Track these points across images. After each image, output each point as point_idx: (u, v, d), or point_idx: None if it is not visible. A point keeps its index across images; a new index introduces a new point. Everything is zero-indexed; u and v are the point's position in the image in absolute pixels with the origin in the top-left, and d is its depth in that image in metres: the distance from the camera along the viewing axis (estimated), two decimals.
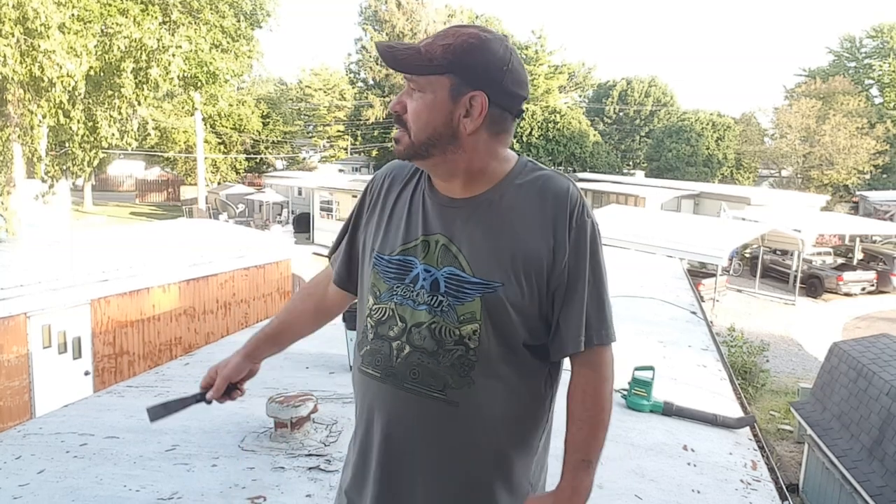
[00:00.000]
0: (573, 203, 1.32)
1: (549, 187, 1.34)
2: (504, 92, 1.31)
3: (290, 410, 2.87)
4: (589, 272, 1.32)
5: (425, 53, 1.28)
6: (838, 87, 36.37)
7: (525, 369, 1.34)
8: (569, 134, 37.95)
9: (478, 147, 1.32)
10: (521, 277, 1.29)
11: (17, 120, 11.28)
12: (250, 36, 16.54)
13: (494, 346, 1.30)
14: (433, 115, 1.30)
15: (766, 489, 2.76)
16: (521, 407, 1.35)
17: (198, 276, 9.40)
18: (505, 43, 1.32)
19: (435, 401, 1.31)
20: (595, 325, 1.34)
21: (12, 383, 6.99)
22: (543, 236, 1.30)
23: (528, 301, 1.30)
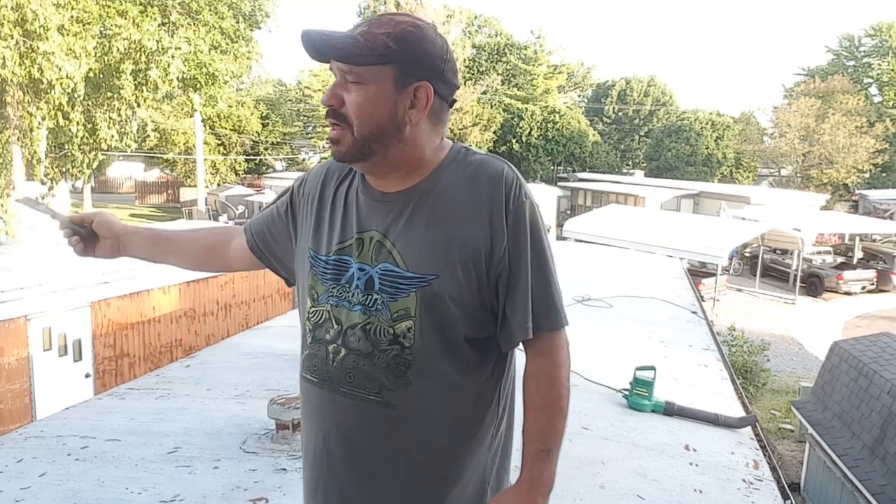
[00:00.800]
0: (508, 185, 1.25)
1: (482, 171, 1.28)
2: (444, 81, 1.27)
3: (292, 412, 2.86)
4: (531, 256, 1.25)
5: (365, 42, 1.21)
6: (837, 86, 36.42)
7: (468, 365, 1.28)
8: (568, 134, 37.96)
9: (418, 139, 1.27)
10: (457, 268, 1.22)
11: (16, 122, 11.28)
12: (249, 37, 16.55)
13: (432, 342, 1.24)
14: (377, 108, 1.23)
15: (767, 488, 2.76)
16: (465, 404, 1.29)
17: (198, 278, 9.40)
18: (439, 32, 1.29)
19: (372, 404, 1.25)
20: (542, 310, 1.27)
21: (13, 386, 6.98)
22: (479, 223, 1.23)
23: (467, 292, 1.23)
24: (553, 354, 1.29)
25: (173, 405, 3.47)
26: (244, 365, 4.31)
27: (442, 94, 1.28)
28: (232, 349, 4.77)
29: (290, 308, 10.78)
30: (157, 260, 1.65)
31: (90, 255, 1.60)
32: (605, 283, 7.27)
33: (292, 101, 45.60)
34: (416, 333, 1.23)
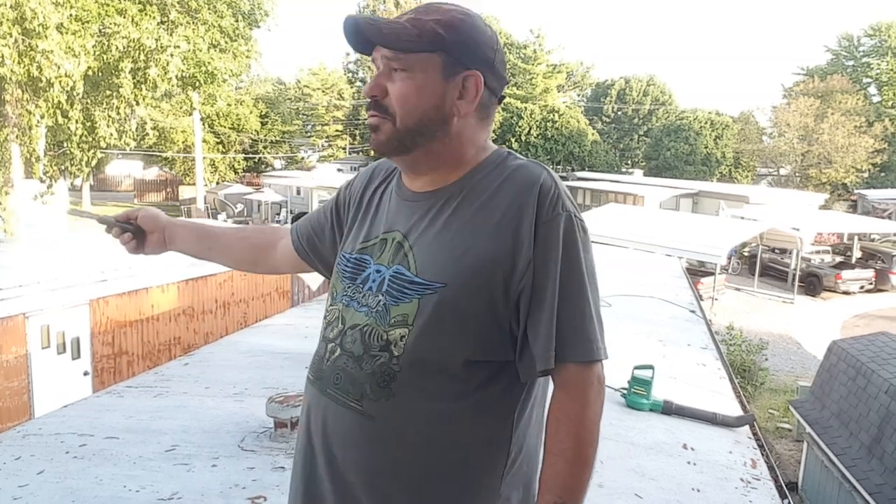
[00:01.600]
0: (543, 194, 1.13)
1: (517, 177, 1.16)
2: (495, 73, 1.20)
3: (290, 410, 2.86)
4: (561, 275, 1.11)
5: (413, 28, 1.14)
6: (836, 86, 36.44)
7: (468, 390, 1.13)
8: (567, 133, 37.97)
9: (464, 135, 1.20)
10: (469, 280, 1.11)
11: (15, 120, 11.27)
12: (248, 35, 16.53)
13: (423, 357, 1.12)
14: (423, 98, 1.16)
15: (765, 487, 2.77)
16: (459, 434, 1.14)
17: (196, 276, 9.39)
18: (488, 23, 1.23)
19: (351, 411, 1.17)
20: (570, 337, 1.10)
21: (11, 384, 6.98)
22: (503, 234, 1.12)
23: (476, 308, 1.11)
24: (579, 392, 1.12)
25: (172, 403, 3.47)
26: (243, 363, 4.31)
27: (492, 87, 1.21)
28: (230, 347, 4.78)
29: (288, 306, 10.77)
30: (202, 256, 1.60)
31: (141, 253, 1.57)
32: (604, 283, 7.24)
33: (291, 99, 45.57)
34: (409, 343, 1.13)
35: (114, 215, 1.56)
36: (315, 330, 1.33)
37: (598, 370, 1.13)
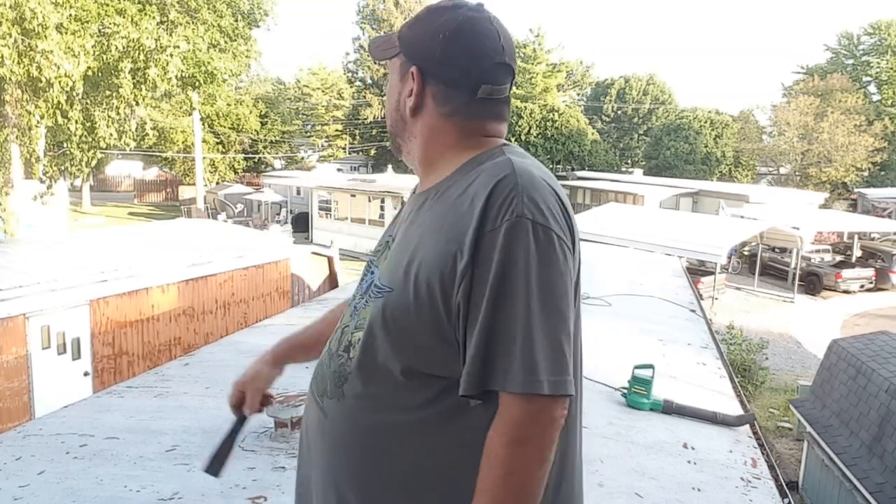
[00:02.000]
0: (494, 197, 1.01)
1: (481, 177, 1.06)
2: (441, 64, 1.13)
3: (291, 410, 2.86)
4: (494, 288, 0.98)
5: (391, 36, 1.22)
6: (836, 85, 36.43)
7: (412, 403, 1.06)
8: (567, 132, 37.96)
9: (426, 132, 1.17)
10: (410, 286, 1.05)
11: (14, 120, 11.27)
12: (248, 35, 16.53)
13: (369, 362, 1.09)
14: (390, 101, 1.22)
15: (766, 486, 2.77)
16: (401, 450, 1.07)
17: (197, 277, 9.40)
18: (461, 11, 1.15)
19: (315, 406, 1.20)
20: (503, 363, 0.97)
21: (11, 384, 6.98)
22: (451, 238, 1.02)
23: (417, 316, 1.04)
24: (508, 428, 0.97)
25: (172, 403, 3.47)
26: (243, 363, 4.30)
27: (442, 79, 1.14)
28: (231, 347, 4.78)
29: (288, 306, 10.77)
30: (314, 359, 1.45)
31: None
32: (604, 282, 7.28)
33: (291, 99, 45.58)
34: (362, 346, 1.11)
35: (244, 411, 1.51)
36: None
37: (542, 406, 0.96)
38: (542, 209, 1.01)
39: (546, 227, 1.00)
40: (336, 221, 25.52)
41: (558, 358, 0.98)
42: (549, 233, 1.00)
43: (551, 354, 0.97)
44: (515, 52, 1.22)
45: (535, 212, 1.00)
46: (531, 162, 1.13)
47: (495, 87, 1.15)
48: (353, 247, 23.76)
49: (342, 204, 25.40)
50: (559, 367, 0.98)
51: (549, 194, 1.04)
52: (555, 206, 1.04)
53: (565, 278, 1.01)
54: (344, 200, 25.31)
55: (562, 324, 0.99)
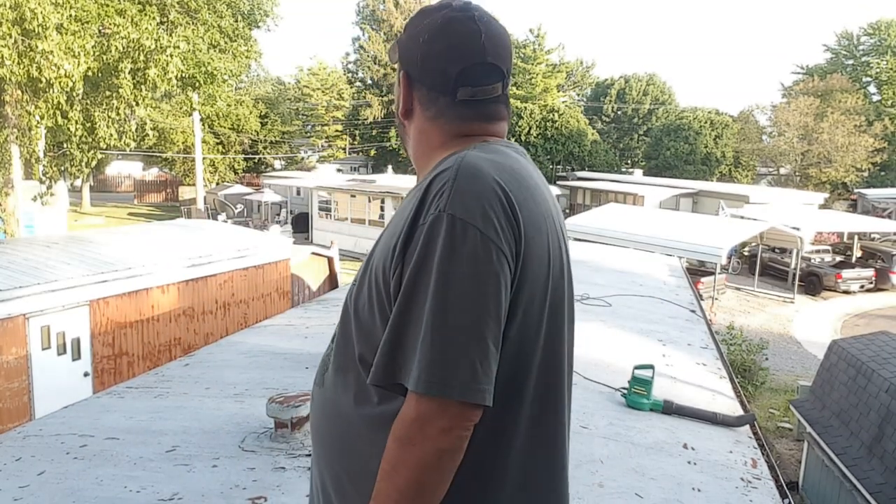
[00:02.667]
0: (428, 192, 1.01)
1: (432, 172, 1.06)
2: (422, 68, 1.14)
3: (291, 411, 2.86)
4: (409, 283, 0.97)
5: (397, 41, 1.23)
6: (836, 85, 36.44)
7: (365, 394, 1.06)
8: (567, 133, 37.97)
9: (416, 135, 1.20)
10: (365, 281, 1.09)
11: (15, 121, 11.27)
12: (248, 36, 16.54)
13: (341, 351, 1.13)
14: (395, 102, 1.24)
15: (766, 487, 2.77)
16: (357, 443, 1.07)
17: (197, 277, 9.40)
18: (443, 12, 1.13)
19: (312, 391, 1.25)
20: (403, 357, 0.96)
21: (12, 385, 6.98)
22: (394, 232, 1.04)
23: (370, 307, 1.06)
24: (399, 424, 0.96)
25: (172, 404, 3.47)
26: (243, 364, 4.31)
27: (424, 83, 1.15)
28: (231, 348, 4.77)
29: (288, 307, 10.78)
30: None
31: None
32: (604, 282, 7.28)
33: (291, 99, 45.61)
34: (337, 337, 1.15)
35: None
36: (315, 330, 1.33)
37: (435, 410, 0.93)
38: (471, 205, 0.97)
39: (467, 222, 0.96)
40: (336, 222, 25.52)
41: (459, 361, 0.93)
42: (468, 229, 0.95)
43: (451, 357, 0.93)
44: (510, 48, 1.17)
45: (459, 207, 0.96)
46: (493, 157, 1.07)
47: (477, 87, 1.12)
48: (353, 247, 23.76)
49: (342, 204, 25.40)
50: (458, 370, 0.93)
51: (490, 191, 0.99)
52: (493, 204, 0.98)
53: (483, 279, 0.95)
54: (344, 201, 25.31)
55: (470, 326, 0.94)
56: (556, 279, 1.10)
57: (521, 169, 1.10)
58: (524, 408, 1.06)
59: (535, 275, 1.03)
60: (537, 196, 1.09)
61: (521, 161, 1.14)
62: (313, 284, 12.36)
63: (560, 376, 1.13)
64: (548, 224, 1.09)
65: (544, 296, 1.06)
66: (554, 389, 1.11)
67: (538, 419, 1.08)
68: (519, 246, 1.00)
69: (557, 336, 1.10)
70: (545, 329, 1.07)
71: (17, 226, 12.10)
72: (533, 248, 1.03)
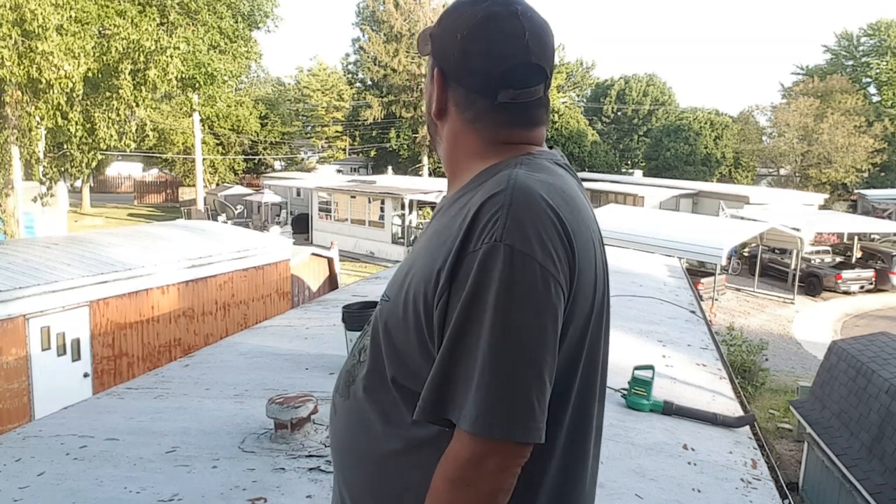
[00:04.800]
0: (479, 217, 0.95)
1: (478, 192, 1.00)
2: (460, 67, 1.06)
3: (291, 411, 2.86)
4: (461, 317, 0.92)
5: (426, 32, 1.15)
6: (836, 86, 36.42)
7: (394, 414, 1.04)
8: (567, 133, 37.99)
9: (451, 138, 1.11)
10: (401, 299, 1.02)
11: (15, 122, 11.27)
12: (248, 37, 16.56)
13: (373, 369, 1.08)
14: (425, 99, 1.17)
15: (766, 488, 2.77)
16: (381, 464, 1.05)
17: (197, 278, 9.40)
18: (483, 6, 1.05)
19: (332, 399, 1.21)
20: (456, 395, 0.92)
21: (11, 385, 6.98)
22: (438, 255, 0.98)
23: (404, 329, 1.01)
24: (449, 462, 0.93)
25: (172, 405, 3.47)
26: (243, 364, 4.31)
27: (462, 83, 1.07)
28: (230, 349, 4.77)
29: (288, 307, 10.78)
30: None
31: None
32: None
33: (291, 100, 45.61)
34: (367, 353, 1.11)
35: None
36: (315, 331, 1.33)
37: (488, 449, 0.90)
38: (528, 234, 0.92)
39: (526, 255, 0.91)
40: (336, 223, 25.53)
41: (518, 401, 0.90)
42: (528, 262, 0.91)
43: (511, 396, 0.90)
44: (553, 45, 1.11)
45: (517, 237, 0.92)
46: (542, 177, 1.02)
47: (519, 90, 1.06)
48: (353, 248, 23.76)
49: (342, 205, 25.41)
50: (518, 410, 0.90)
51: (546, 217, 0.94)
52: (549, 232, 0.94)
53: (542, 314, 0.92)
54: (344, 202, 25.32)
55: (529, 364, 0.91)
56: (599, 305, 1.06)
57: (570, 189, 1.05)
58: (560, 435, 1.04)
59: (582, 305, 1.00)
60: (586, 219, 1.04)
61: (568, 179, 1.09)
62: (313, 285, 12.36)
63: (590, 407, 1.08)
64: (595, 249, 1.05)
65: (587, 324, 1.03)
66: (586, 416, 1.08)
67: (572, 443, 1.06)
68: (573, 275, 0.97)
69: (593, 363, 1.07)
70: (584, 357, 1.03)
71: (17, 226, 12.10)
72: (583, 278, 0.99)
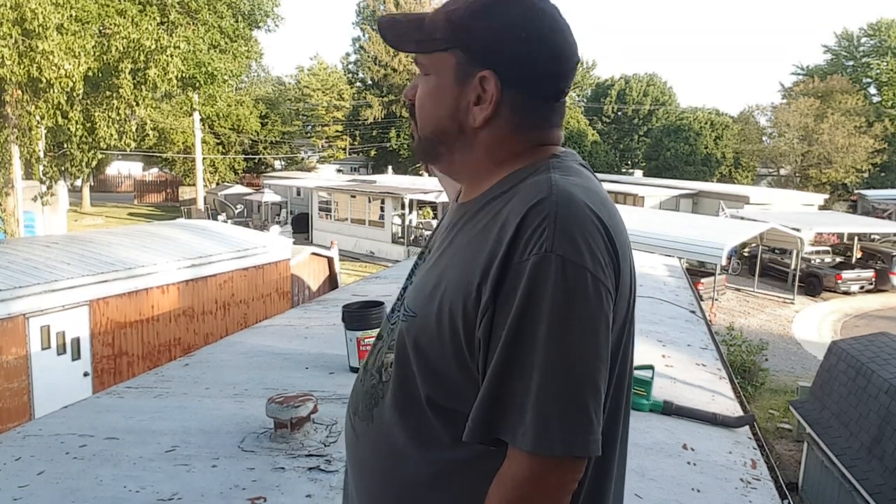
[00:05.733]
0: (524, 225, 0.90)
1: (518, 198, 0.95)
2: (524, 69, 0.99)
3: (290, 411, 2.86)
4: (512, 331, 0.88)
5: (428, 24, 1.03)
6: (836, 86, 36.44)
7: (431, 436, 0.98)
8: (567, 133, 37.83)
9: (492, 144, 1.02)
10: (434, 313, 0.96)
11: (15, 121, 11.28)
12: (248, 36, 16.56)
13: (395, 387, 1.02)
14: (437, 104, 1.03)
15: (765, 488, 2.77)
16: (416, 488, 0.99)
17: (196, 277, 9.40)
18: (535, 3, 1.00)
19: (349, 423, 1.13)
20: (511, 414, 0.88)
21: (11, 385, 6.99)
22: (476, 267, 0.92)
23: (438, 346, 0.96)
24: (506, 484, 0.89)
25: (172, 404, 3.47)
26: (243, 364, 4.31)
27: (523, 86, 1.00)
28: (230, 348, 4.77)
29: (288, 307, 10.78)
30: None
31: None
32: None
33: (291, 100, 45.61)
34: (393, 371, 1.03)
35: None
36: (315, 330, 1.33)
37: (549, 468, 0.87)
38: (578, 244, 0.88)
39: (578, 265, 0.87)
40: (336, 222, 25.53)
41: (578, 415, 0.86)
42: (581, 272, 0.87)
43: (570, 411, 0.86)
44: None
45: (567, 247, 0.87)
46: (577, 181, 0.97)
47: (566, 91, 1.04)
48: (353, 248, 23.76)
49: (342, 205, 25.41)
50: (578, 425, 0.86)
51: (591, 224, 0.91)
52: (596, 239, 0.90)
53: (596, 324, 0.88)
54: (344, 201, 25.32)
55: (587, 376, 0.87)
56: (631, 309, 1.02)
57: (602, 192, 1.01)
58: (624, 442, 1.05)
59: (619, 309, 0.97)
60: (620, 221, 1.01)
61: (594, 179, 1.05)
62: (313, 285, 12.36)
63: (620, 412, 1.05)
64: (630, 252, 1.02)
65: (623, 329, 0.99)
66: (615, 421, 1.04)
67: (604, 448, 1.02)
68: (617, 281, 0.94)
69: (625, 368, 1.03)
70: (619, 362, 1.00)
71: (17, 226, 12.10)
72: (622, 282, 0.96)
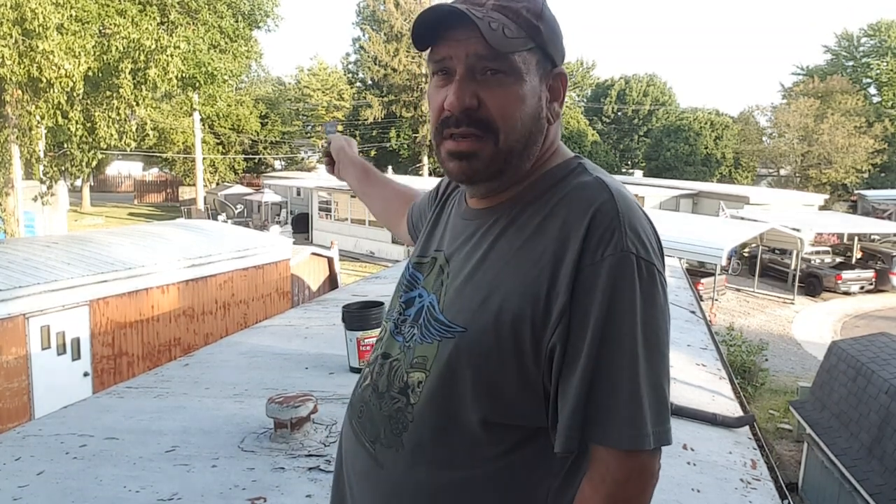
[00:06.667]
0: (595, 226, 0.88)
1: (573, 201, 0.92)
2: (562, 62, 1.02)
3: (290, 411, 2.86)
4: (598, 332, 0.86)
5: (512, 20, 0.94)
6: (836, 86, 36.45)
7: (487, 457, 0.94)
8: (567, 133, 38.01)
9: (548, 143, 1.01)
10: (491, 327, 0.91)
11: (15, 121, 11.28)
12: (248, 36, 16.57)
13: (437, 409, 0.96)
14: (527, 108, 0.95)
15: (765, 488, 2.77)
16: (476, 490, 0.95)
17: (197, 277, 9.40)
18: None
19: (365, 451, 1.04)
20: (604, 415, 0.87)
21: (11, 385, 6.99)
22: (540, 275, 0.89)
23: (498, 360, 0.91)
24: (607, 486, 0.88)
25: (171, 404, 3.47)
26: (243, 364, 4.31)
27: (564, 80, 1.03)
28: (230, 348, 4.77)
29: (288, 307, 10.78)
30: (361, 191, 1.66)
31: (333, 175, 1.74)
32: None
33: (291, 100, 45.61)
34: (424, 392, 0.96)
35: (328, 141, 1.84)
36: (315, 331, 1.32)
37: (644, 462, 0.89)
38: (645, 242, 0.91)
39: (650, 262, 0.89)
40: (336, 222, 25.54)
41: (661, 408, 0.88)
42: (652, 269, 0.89)
43: (656, 405, 0.88)
44: None
45: (638, 246, 0.89)
46: (616, 182, 0.98)
47: None
48: (353, 248, 23.76)
49: (342, 205, 25.41)
50: (663, 417, 0.88)
51: (647, 222, 0.95)
52: (653, 237, 0.94)
53: (666, 317, 0.91)
54: (344, 201, 25.32)
55: (665, 369, 0.89)
56: None
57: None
58: None
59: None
60: None
61: None
62: (313, 285, 12.36)
63: None
64: None
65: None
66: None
67: None
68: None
69: None
70: None
71: (17, 226, 12.10)
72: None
